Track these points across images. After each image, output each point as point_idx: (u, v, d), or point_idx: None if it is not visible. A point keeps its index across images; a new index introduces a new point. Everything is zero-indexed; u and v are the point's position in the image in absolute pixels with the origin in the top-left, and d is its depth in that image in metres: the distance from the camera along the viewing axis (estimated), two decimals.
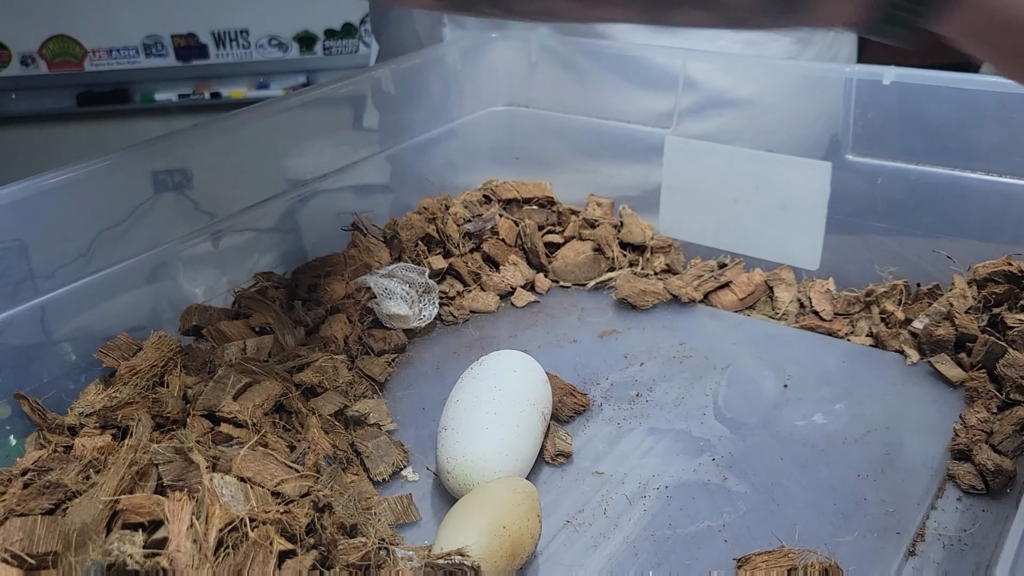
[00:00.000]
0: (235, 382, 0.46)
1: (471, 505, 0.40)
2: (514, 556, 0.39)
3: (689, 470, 0.47)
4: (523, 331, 0.60)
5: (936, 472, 0.46)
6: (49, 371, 0.46)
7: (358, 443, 0.47)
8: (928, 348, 0.54)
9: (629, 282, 0.62)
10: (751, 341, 0.58)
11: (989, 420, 0.48)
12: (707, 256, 0.66)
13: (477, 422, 0.45)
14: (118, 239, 0.48)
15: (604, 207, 0.69)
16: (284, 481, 0.39)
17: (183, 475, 0.37)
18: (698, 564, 0.41)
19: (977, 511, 0.44)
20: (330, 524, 0.38)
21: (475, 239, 0.65)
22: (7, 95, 2.06)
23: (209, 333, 0.50)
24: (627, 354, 0.57)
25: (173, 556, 0.32)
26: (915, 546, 0.42)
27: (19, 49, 2.03)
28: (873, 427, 0.49)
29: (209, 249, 0.53)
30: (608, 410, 0.52)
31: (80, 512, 0.34)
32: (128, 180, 0.48)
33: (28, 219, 0.44)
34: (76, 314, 0.47)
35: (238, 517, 0.35)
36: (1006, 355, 0.50)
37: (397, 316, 0.55)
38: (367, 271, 0.58)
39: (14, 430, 0.44)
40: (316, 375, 0.49)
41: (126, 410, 0.44)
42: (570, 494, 0.46)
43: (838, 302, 0.60)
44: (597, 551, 0.42)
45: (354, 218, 0.61)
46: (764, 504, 0.44)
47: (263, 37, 2.06)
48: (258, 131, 0.55)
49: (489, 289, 0.63)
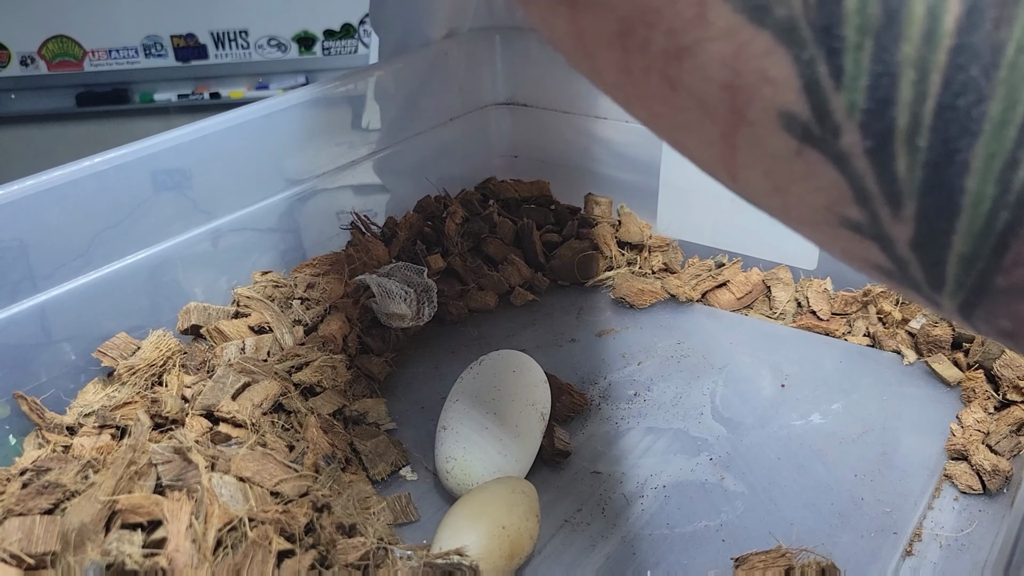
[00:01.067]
0: (234, 382, 0.46)
1: (470, 505, 0.40)
2: (513, 556, 0.39)
3: (687, 469, 0.47)
4: (521, 330, 0.60)
5: (933, 472, 0.46)
6: (48, 370, 0.46)
7: (357, 443, 0.47)
8: (925, 348, 0.54)
9: (627, 281, 0.62)
10: (749, 340, 0.58)
11: (986, 420, 0.48)
12: (705, 255, 0.66)
13: (476, 422, 0.45)
14: (117, 239, 0.48)
15: (602, 206, 0.69)
16: (283, 481, 0.39)
17: (182, 475, 0.37)
18: (696, 563, 0.41)
19: (974, 511, 0.44)
20: (329, 524, 0.38)
21: (474, 238, 0.65)
22: (6, 95, 2.06)
23: (208, 332, 0.50)
24: (625, 353, 0.57)
25: (172, 556, 0.32)
26: (912, 546, 0.42)
27: (18, 49, 2.03)
28: (870, 427, 0.49)
29: (208, 248, 0.54)
30: (606, 409, 0.52)
31: (79, 512, 0.34)
32: (127, 180, 0.48)
33: (27, 219, 0.44)
34: (75, 313, 0.47)
35: (237, 517, 0.35)
36: (1003, 355, 0.50)
37: (396, 315, 0.56)
38: (366, 270, 0.58)
39: (13, 430, 0.44)
40: (315, 374, 0.49)
41: (125, 409, 0.44)
42: (568, 494, 0.46)
43: (835, 302, 0.60)
44: (595, 550, 0.42)
45: (353, 217, 0.61)
46: (761, 504, 0.44)
47: (262, 38, 2.06)
48: (257, 130, 0.55)
49: (487, 288, 0.63)
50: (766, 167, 0.20)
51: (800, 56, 0.17)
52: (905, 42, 0.17)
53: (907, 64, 0.17)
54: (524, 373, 0.48)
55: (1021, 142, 0.16)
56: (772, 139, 0.19)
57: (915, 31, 0.16)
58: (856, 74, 0.17)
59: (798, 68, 0.18)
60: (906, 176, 0.18)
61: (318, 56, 2.09)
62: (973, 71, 0.16)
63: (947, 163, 0.17)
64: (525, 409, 0.46)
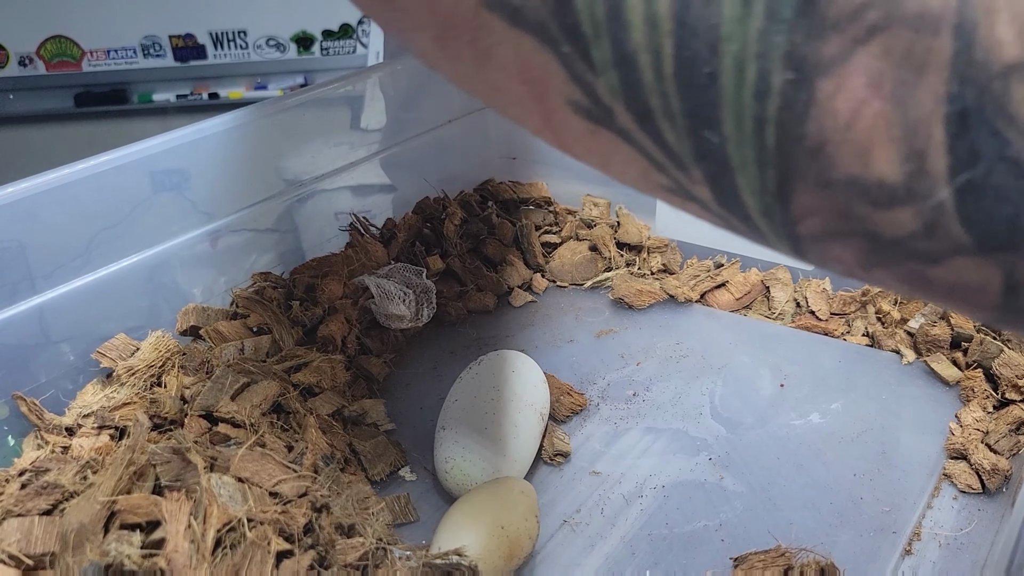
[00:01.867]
0: (233, 382, 0.46)
1: (469, 505, 0.40)
2: (512, 556, 0.39)
3: (686, 469, 0.47)
4: (520, 331, 0.60)
5: (932, 471, 0.46)
6: (47, 371, 0.46)
7: (356, 443, 0.47)
8: (924, 347, 0.54)
9: (626, 282, 0.62)
10: (748, 341, 0.58)
11: (985, 419, 0.48)
12: (703, 256, 0.66)
13: (475, 422, 0.45)
14: (116, 239, 0.48)
15: (601, 207, 0.69)
16: (282, 481, 0.39)
17: (181, 475, 0.37)
18: (695, 563, 0.41)
19: (973, 510, 0.44)
20: (328, 524, 0.38)
21: (472, 239, 0.65)
22: (5, 95, 2.06)
23: (207, 333, 0.50)
24: (624, 354, 0.57)
25: (171, 556, 0.32)
26: (911, 545, 0.42)
27: (17, 50, 2.03)
28: (869, 426, 0.49)
29: (207, 249, 0.53)
30: (605, 410, 0.52)
31: (78, 512, 0.34)
32: (126, 180, 0.48)
33: (26, 219, 0.44)
34: (74, 314, 0.47)
35: (236, 517, 0.35)
36: (1002, 354, 0.50)
37: (395, 316, 0.56)
38: (365, 271, 0.58)
39: (12, 430, 0.44)
40: (314, 375, 0.49)
41: (124, 410, 0.44)
42: (567, 494, 0.46)
43: (834, 302, 0.60)
44: (594, 551, 0.42)
45: (352, 218, 0.61)
46: (761, 503, 0.44)
47: (261, 38, 2.06)
48: (256, 131, 0.55)
49: (486, 289, 0.63)
50: (584, 145, 0.22)
51: (560, 51, 0.19)
52: (633, 30, 0.18)
53: (641, 49, 0.18)
54: (523, 373, 0.48)
55: (762, 105, 0.17)
56: (573, 122, 0.21)
57: (637, 19, 0.18)
58: (604, 63, 0.19)
59: (561, 62, 0.19)
60: (678, 146, 0.19)
61: (316, 56, 2.09)
62: (697, 47, 0.17)
63: (705, 131, 0.18)
64: (524, 409, 0.46)
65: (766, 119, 0.18)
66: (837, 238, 0.19)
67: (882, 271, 0.19)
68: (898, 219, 0.18)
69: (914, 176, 0.17)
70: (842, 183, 0.18)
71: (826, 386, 0.53)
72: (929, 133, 0.16)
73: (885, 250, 0.19)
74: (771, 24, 0.17)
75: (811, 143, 0.17)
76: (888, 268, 0.19)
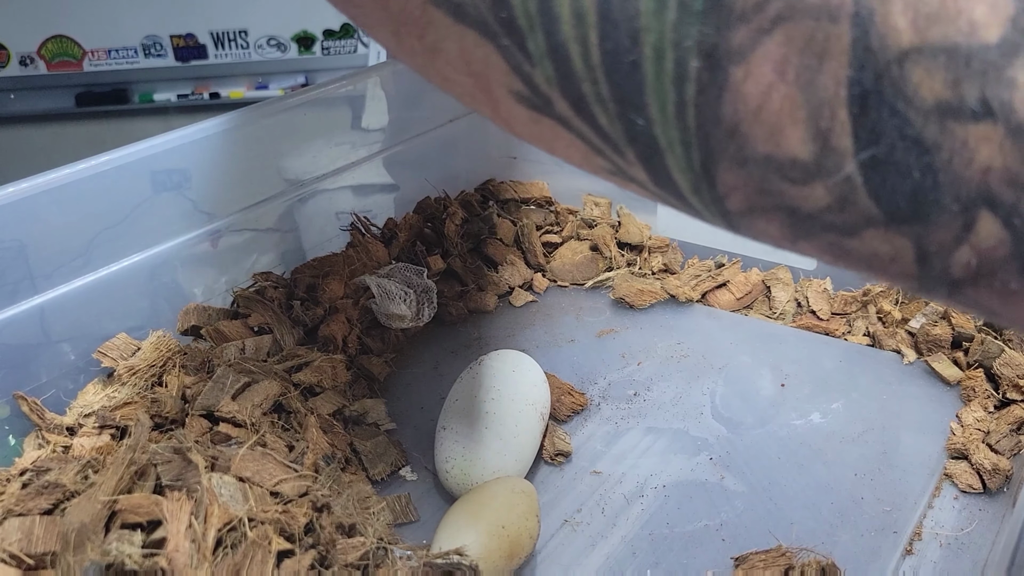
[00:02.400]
0: (234, 382, 0.46)
1: (469, 505, 0.40)
2: (512, 556, 0.39)
3: (687, 469, 0.47)
4: (521, 331, 0.60)
5: (933, 471, 0.46)
6: (48, 371, 0.46)
7: (356, 443, 0.47)
8: (925, 347, 0.54)
9: (627, 282, 0.62)
10: (748, 340, 0.58)
11: (986, 419, 0.48)
12: (704, 256, 0.66)
13: (475, 422, 0.45)
14: (117, 239, 0.48)
15: (602, 207, 0.69)
16: (283, 481, 0.39)
17: (182, 475, 0.37)
18: (696, 563, 0.41)
19: (974, 510, 0.44)
20: (328, 524, 0.38)
21: (473, 239, 0.65)
22: (5, 95, 2.06)
23: (208, 333, 0.50)
24: (625, 354, 0.57)
25: (172, 556, 0.32)
26: (912, 545, 0.42)
27: (18, 49, 2.03)
28: (870, 426, 0.49)
29: (208, 249, 0.53)
30: (606, 409, 0.52)
31: (78, 512, 0.34)
32: (127, 180, 0.48)
33: (27, 219, 0.44)
34: (75, 314, 0.47)
35: (237, 517, 0.35)
36: (1003, 354, 0.50)
37: (395, 316, 0.55)
38: (366, 271, 0.58)
39: (13, 430, 0.44)
40: (315, 375, 0.49)
41: (125, 410, 0.44)
42: (568, 493, 0.46)
43: (835, 301, 0.60)
44: (595, 550, 0.42)
45: (352, 218, 0.61)
46: (761, 503, 0.44)
47: (262, 38, 2.06)
48: (257, 131, 0.55)
49: (487, 289, 0.63)
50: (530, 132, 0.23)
51: (500, 44, 0.20)
52: (563, 23, 0.19)
53: (570, 40, 0.19)
54: (524, 373, 0.48)
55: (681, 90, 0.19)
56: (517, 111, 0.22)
57: (566, 13, 0.19)
58: (539, 54, 0.20)
59: (502, 54, 0.21)
60: (611, 130, 0.21)
61: (317, 56, 2.08)
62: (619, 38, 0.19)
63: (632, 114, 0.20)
64: (525, 409, 0.46)
65: (686, 103, 0.19)
66: (761, 213, 0.20)
67: (805, 243, 0.21)
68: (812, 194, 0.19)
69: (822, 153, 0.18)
70: (758, 161, 0.19)
71: (827, 386, 0.53)
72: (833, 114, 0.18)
73: (804, 223, 0.20)
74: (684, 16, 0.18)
75: (727, 125, 0.19)
76: (809, 241, 0.20)
